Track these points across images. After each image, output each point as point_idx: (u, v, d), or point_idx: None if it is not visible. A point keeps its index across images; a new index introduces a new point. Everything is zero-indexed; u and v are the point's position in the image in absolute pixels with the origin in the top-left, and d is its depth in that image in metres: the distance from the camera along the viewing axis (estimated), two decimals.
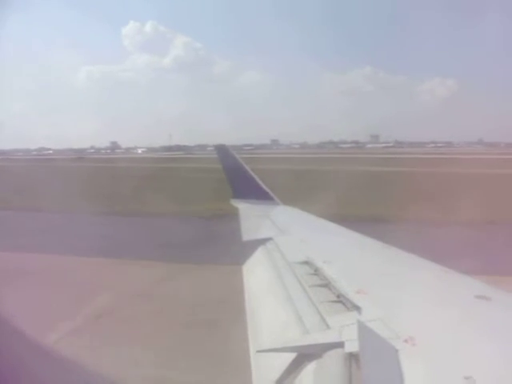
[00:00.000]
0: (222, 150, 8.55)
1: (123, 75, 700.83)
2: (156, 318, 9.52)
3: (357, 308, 2.40)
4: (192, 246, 15.80)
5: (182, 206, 24.37)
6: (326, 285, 2.92)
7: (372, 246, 4.35)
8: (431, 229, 16.10)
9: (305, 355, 2.03)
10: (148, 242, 16.88)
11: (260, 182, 7.72)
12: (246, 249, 4.69)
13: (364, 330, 1.99)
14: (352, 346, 1.87)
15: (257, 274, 3.99)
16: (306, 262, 3.50)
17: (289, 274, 3.40)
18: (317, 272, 3.22)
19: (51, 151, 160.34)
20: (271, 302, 3.14)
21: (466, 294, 2.63)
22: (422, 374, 1.69)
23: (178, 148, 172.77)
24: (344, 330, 2.11)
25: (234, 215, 7.00)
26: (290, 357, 2.07)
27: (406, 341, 1.91)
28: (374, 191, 27.74)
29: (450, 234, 14.53)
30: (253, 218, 6.31)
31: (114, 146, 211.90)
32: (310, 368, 1.91)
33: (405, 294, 2.71)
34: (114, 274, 12.88)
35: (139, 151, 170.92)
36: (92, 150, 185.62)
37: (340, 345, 1.93)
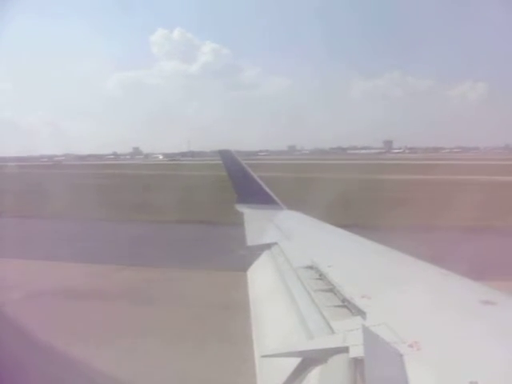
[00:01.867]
0: (226, 155, 8.44)
1: (151, 82, 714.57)
2: None
3: (361, 313, 2.39)
4: None
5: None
6: (331, 289, 2.92)
7: (377, 250, 4.34)
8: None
9: (310, 360, 2.02)
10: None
11: (265, 187, 7.71)
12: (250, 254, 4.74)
13: (369, 335, 1.98)
14: (357, 351, 1.85)
15: (262, 278, 3.99)
16: (311, 267, 3.51)
17: (293, 278, 3.41)
18: (321, 277, 3.22)
19: (63, 157, 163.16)
20: (276, 307, 3.15)
21: (471, 299, 2.59)
22: (427, 379, 1.67)
23: (192, 154, 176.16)
24: (349, 334, 2.10)
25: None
26: (294, 362, 2.06)
27: (410, 345, 1.90)
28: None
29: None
30: (257, 222, 6.29)
31: (136, 152, 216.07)
32: (315, 373, 1.91)
33: (409, 299, 2.71)
34: None
35: (160, 157, 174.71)
36: (112, 156, 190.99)
37: (345, 350, 1.92)
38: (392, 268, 3.64)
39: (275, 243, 4.71)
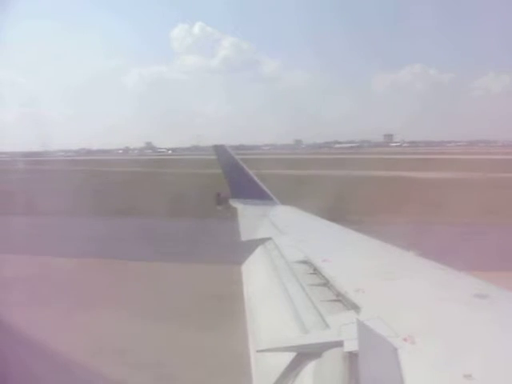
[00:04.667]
0: (220, 150, 8.40)
1: (171, 77, 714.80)
2: None
3: (356, 307, 2.40)
4: None
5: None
6: (325, 284, 2.93)
7: (370, 244, 4.37)
8: None
9: (304, 354, 2.03)
10: None
11: (259, 182, 7.69)
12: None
13: (363, 329, 1.98)
14: (351, 345, 1.86)
15: (256, 273, 4.01)
16: (305, 262, 3.52)
17: (288, 273, 3.41)
18: (316, 271, 3.23)
19: (71, 153, 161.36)
20: (270, 302, 3.16)
21: (465, 292, 2.62)
22: (421, 373, 1.69)
23: (196, 148, 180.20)
24: (343, 329, 2.11)
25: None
26: (289, 356, 2.06)
27: (405, 339, 1.91)
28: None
29: None
30: (252, 217, 6.30)
31: (148, 147, 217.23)
32: (310, 367, 1.91)
33: (404, 293, 2.73)
34: None
35: (169, 152, 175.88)
36: (120, 151, 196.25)
37: (339, 344, 1.93)
38: (386, 262, 3.63)
39: (269, 238, 4.72)
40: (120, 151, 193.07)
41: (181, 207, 22.68)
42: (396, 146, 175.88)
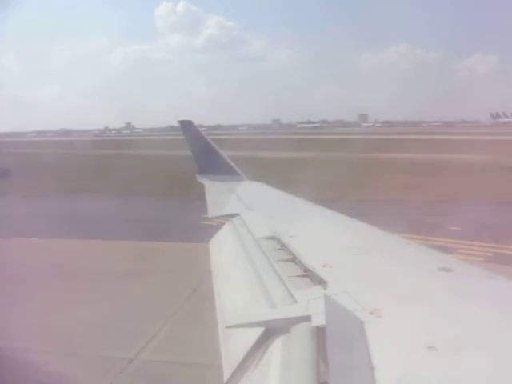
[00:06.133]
0: (186, 125, 8.28)
1: (156, 55, 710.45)
2: None
3: (323, 282, 2.43)
4: None
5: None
6: (293, 259, 2.96)
7: (338, 220, 4.41)
8: None
9: (272, 330, 2.05)
10: None
11: (226, 158, 7.69)
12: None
13: (330, 304, 2.01)
14: (319, 320, 1.89)
15: (223, 250, 4.04)
16: (273, 237, 3.54)
17: (255, 249, 3.43)
18: (283, 247, 3.26)
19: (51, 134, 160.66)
20: (238, 278, 3.17)
21: (429, 266, 2.68)
22: (387, 345, 1.72)
23: (171, 129, 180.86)
24: (311, 303, 2.14)
25: None
26: (257, 332, 2.07)
27: (371, 313, 1.95)
28: None
29: None
30: (219, 193, 6.31)
31: (127, 127, 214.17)
32: (278, 342, 1.93)
33: (370, 267, 2.76)
34: None
35: (139, 131, 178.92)
36: (96, 131, 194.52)
37: (307, 318, 1.95)
38: (353, 237, 3.68)
39: (237, 214, 4.71)
40: (96, 132, 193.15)
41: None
42: (367, 126, 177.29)
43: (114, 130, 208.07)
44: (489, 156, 38.25)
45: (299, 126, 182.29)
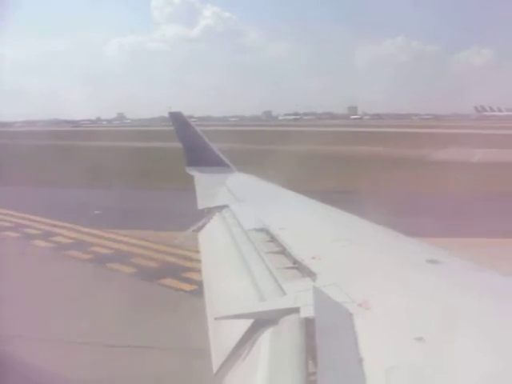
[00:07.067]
0: (176, 117, 8.28)
1: (152, 46, 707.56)
2: None
3: (312, 274, 2.44)
4: None
5: None
6: (282, 251, 2.97)
7: (327, 212, 4.43)
8: None
9: (261, 321, 2.05)
10: None
11: (215, 149, 7.68)
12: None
13: (319, 295, 2.02)
14: (308, 312, 1.90)
15: (213, 241, 4.04)
16: (262, 229, 3.54)
17: (245, 241, 3.43)
18: (273, 239, 3.26)
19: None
20: (227, 270, 3.19)
21: (418, 258, 2.69)
22: (375, 337, 1.73)
23: (162, 119, 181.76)
24: (299, 295, 2.15)
25: None
26: (246, 323, 2.09)
27: (360, 305, 1.96)
28: None
29: None
30: (208, 185, 6.31)
31: (119, 117, 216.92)
32: (267, 334, 1.94)
33: (359, 259, 2.79)
34: None
35: (128, 121, 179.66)
36: (87, 122, 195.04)
37: (296, 310, 1.96)
38: (342, 229, 3.70)
39: (226, 206, 4.72)
40: (86, 122, 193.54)
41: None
42: (355, 118, 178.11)
43: (106, 120, 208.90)
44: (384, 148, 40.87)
45: (280, 117, 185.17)
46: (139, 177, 25.09)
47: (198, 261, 3.79)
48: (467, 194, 18.07)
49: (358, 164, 30.23)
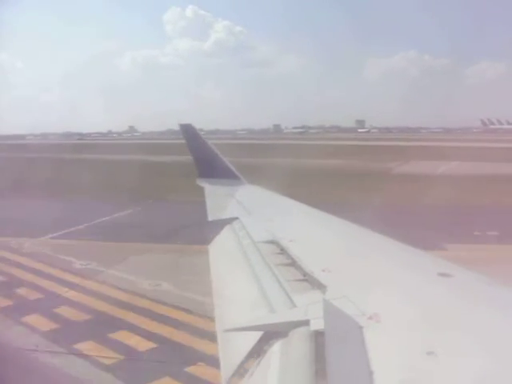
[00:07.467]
0: (187, 129, 8.30)
1: (164, 60, 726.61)
2: None
3: (322, 286, 2.43)
4: None
5: None
6: (292, 264, 2.96)
7: (337, 224, 4.41)
8: None
9: (271, 333, 2.04)
10: None
11: (226, 161, 7.72)
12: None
13: (329, 308, 2.02)
14: (318, 324, 1.89)
15: (223, 253, 4.03)
16: (272, 242, 3.54)
17: (255, 253, 3.43)
18: (283, 251, 3.26)
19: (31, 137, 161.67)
20: (237, 282, 3.17)
21: (429, 272, 2.67)
22: (386, 350, 1.71)
23: (170, 132, 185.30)
24: (310, 308, 2.14)
25: None
26: (256, 335, 2.08)
27: (370, 318, 1.94)
28: None
29: None
30: (218, 197, 6.34)
31: (130, 130, 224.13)
32: (277, 346, 1.93)
33: (369, 272, 2.75)
34: None
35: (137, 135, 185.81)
36: (97, 134, 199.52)
37: (306, 323, 1.96)
38: (352, 242, 3.70)
39: (236, 218, 4.73)
40: (96, 135, 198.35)
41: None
42: (362, 131, 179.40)
43: (116, 133, 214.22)
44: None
45: (286, 131, 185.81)
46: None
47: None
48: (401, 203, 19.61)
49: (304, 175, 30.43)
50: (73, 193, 23.94)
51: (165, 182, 28.24)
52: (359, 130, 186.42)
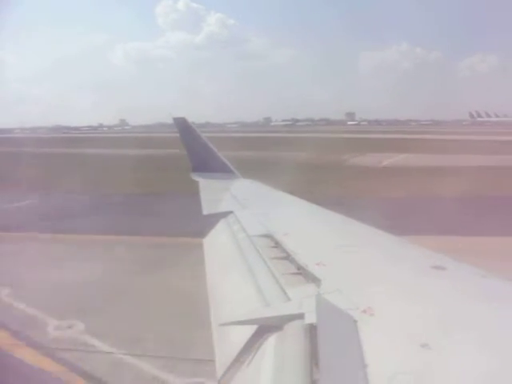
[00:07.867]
0: (181, 123, 8.25)
1: (156, 53, 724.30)
2: None
3: (316, 280, 2.44)
4: None
5: None
6: (287, 257, 2.97)
7: (331, 218, 4.44)
8: None
9: (266, 327, 2.05)
10: None
11: (220, 155, 7.71)
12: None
13: (322, 302, 2.03)
14: (312, 318, 1.90)
15: (218, 247, 4.05)
16: (267, 235, 3.55)
17: (249, 247, 3.44)
18: (277, 245, 3.27)
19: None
20: (232, 275, 3.18)
21: (423, 265, 2.69)
22: (380, 343, 1.72)
23: (160, 126, 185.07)
24: (304, 301, 2.15)
25: None
26: (251, 329, 2.09)
27: (364, 311, 1.95)
28: None
29: None
30: (213, 191, 6.35)
31: (121, 124, 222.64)
32: (271, 340, 1.94)
33: (363, 265, 2.77)
34: None
35: (127, 128, 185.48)
36: (87, 128, 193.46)
37: (300, 316, 1.97)
38: (346, 236, 3.72)
39: (231, 212, 4.74)
40: (87, 128, 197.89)
41: None
42: (352, 124, 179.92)
43: (107, 126, 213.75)
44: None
45: (272, 123, 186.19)
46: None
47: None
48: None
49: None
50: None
51: None
52: (349, 123, 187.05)
